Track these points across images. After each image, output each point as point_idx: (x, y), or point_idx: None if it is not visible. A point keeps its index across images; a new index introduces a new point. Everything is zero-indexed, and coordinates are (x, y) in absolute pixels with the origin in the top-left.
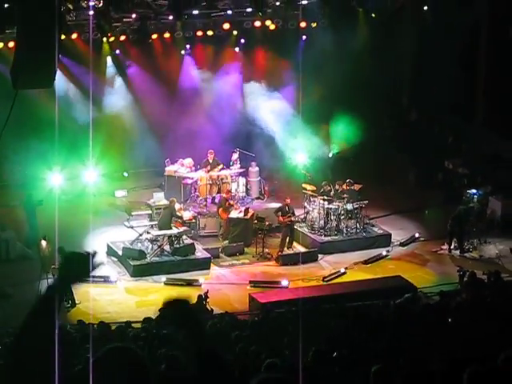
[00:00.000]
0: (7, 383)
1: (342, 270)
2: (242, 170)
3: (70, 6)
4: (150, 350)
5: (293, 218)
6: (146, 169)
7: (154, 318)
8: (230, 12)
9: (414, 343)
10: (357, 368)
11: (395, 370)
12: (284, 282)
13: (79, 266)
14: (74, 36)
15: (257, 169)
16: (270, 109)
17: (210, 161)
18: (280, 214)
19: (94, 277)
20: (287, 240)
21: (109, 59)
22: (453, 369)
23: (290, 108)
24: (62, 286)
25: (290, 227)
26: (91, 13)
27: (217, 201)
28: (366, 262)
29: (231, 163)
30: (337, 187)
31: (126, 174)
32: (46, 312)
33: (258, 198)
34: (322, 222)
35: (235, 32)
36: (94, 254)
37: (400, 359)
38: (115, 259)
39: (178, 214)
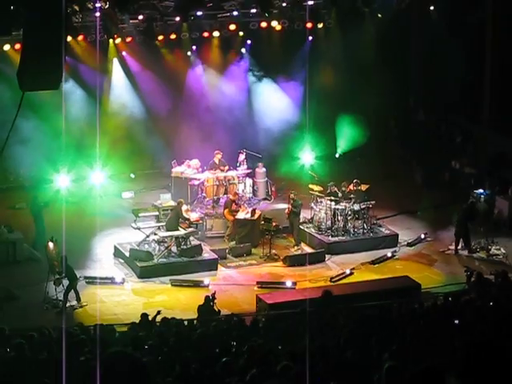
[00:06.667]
0: None
1: (348, 271)
2: (248, 171)
3: (77, 8)
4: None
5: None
6: (153, 170)
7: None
8: (236, 13)
9: (422, 343)
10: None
11: (405, 368)
12: (291, 283)
13: None
14: (81, 38)
15: (264, 170)
16: (277, 109)
17: (217, 161)
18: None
19: (101, 278)
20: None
21: (115, 61)
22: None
23: (296, 108)
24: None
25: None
26: (97, 14)
27: (221, 203)
28: (373, 263)
29: (238, 164)
30: (344, 188)
31: (132, 176)
32: None
33: (265, 199)
34: (329, 222)
35: (241, 33)
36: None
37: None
38: (122, 261)
39: (184, 215)
